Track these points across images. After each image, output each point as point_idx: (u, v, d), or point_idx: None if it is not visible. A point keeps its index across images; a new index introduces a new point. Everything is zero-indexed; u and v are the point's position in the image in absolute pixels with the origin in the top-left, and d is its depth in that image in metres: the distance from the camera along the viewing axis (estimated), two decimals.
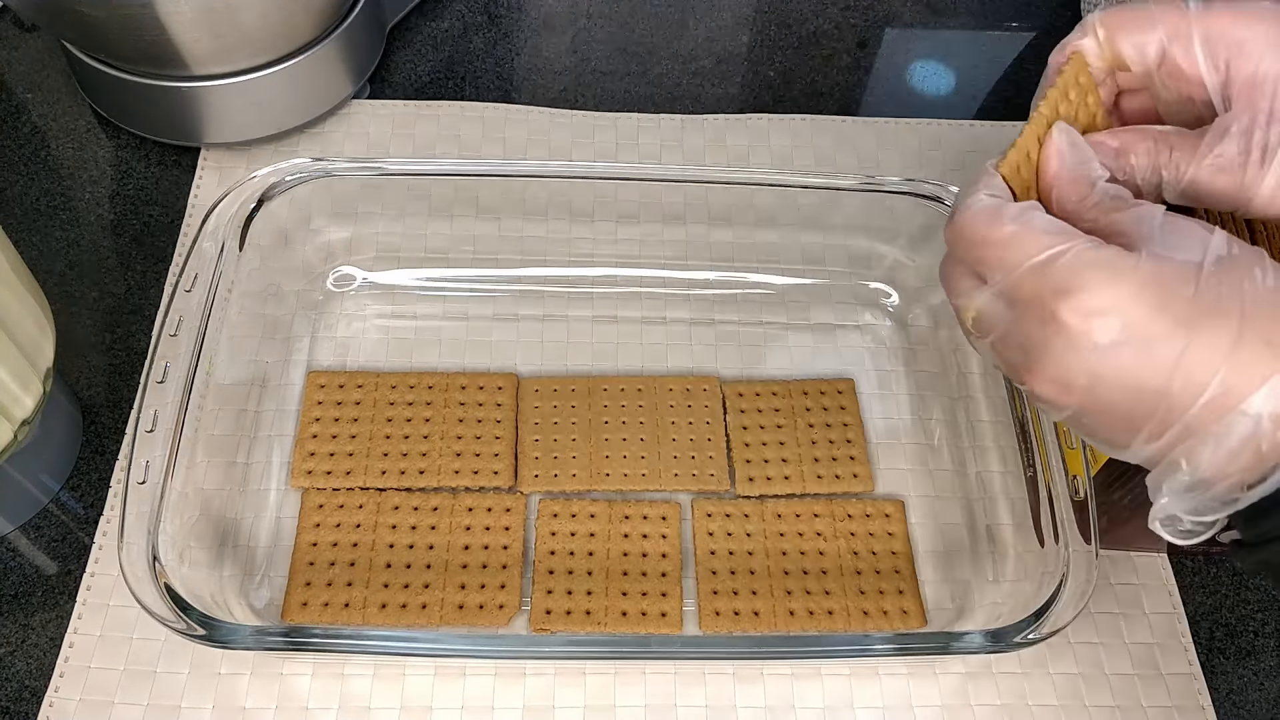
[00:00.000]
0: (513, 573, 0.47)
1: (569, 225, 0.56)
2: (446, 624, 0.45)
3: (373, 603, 0.45)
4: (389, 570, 0.46)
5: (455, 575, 0.46)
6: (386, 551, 0.47)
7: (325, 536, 0.47)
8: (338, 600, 0.45)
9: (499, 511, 0.48)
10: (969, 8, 0.73)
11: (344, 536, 0.47)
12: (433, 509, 0.48)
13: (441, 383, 0.52)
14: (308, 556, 0.46)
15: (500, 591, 0.46)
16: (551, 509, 0.48)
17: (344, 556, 0.47)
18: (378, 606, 0.45)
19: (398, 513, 0.48)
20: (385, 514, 0.48)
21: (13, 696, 0.44)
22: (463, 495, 0.49)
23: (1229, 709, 0.46)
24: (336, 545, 0.47)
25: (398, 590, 0.46)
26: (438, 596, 0.46)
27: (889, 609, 0.47)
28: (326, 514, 0.48)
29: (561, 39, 0.69)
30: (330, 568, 0.46)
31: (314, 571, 0.46)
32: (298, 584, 0.46)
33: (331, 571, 0.46)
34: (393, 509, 0.48)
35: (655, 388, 0.52)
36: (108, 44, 0.54)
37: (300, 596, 0.45)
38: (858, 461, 0.51)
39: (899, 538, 0.49)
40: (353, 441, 0.50)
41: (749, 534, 0.48)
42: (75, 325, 0.54)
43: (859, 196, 0.54)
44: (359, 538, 0.47)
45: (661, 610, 0.46)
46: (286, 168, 0.50)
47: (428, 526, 0.48)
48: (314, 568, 0.46)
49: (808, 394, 0.53)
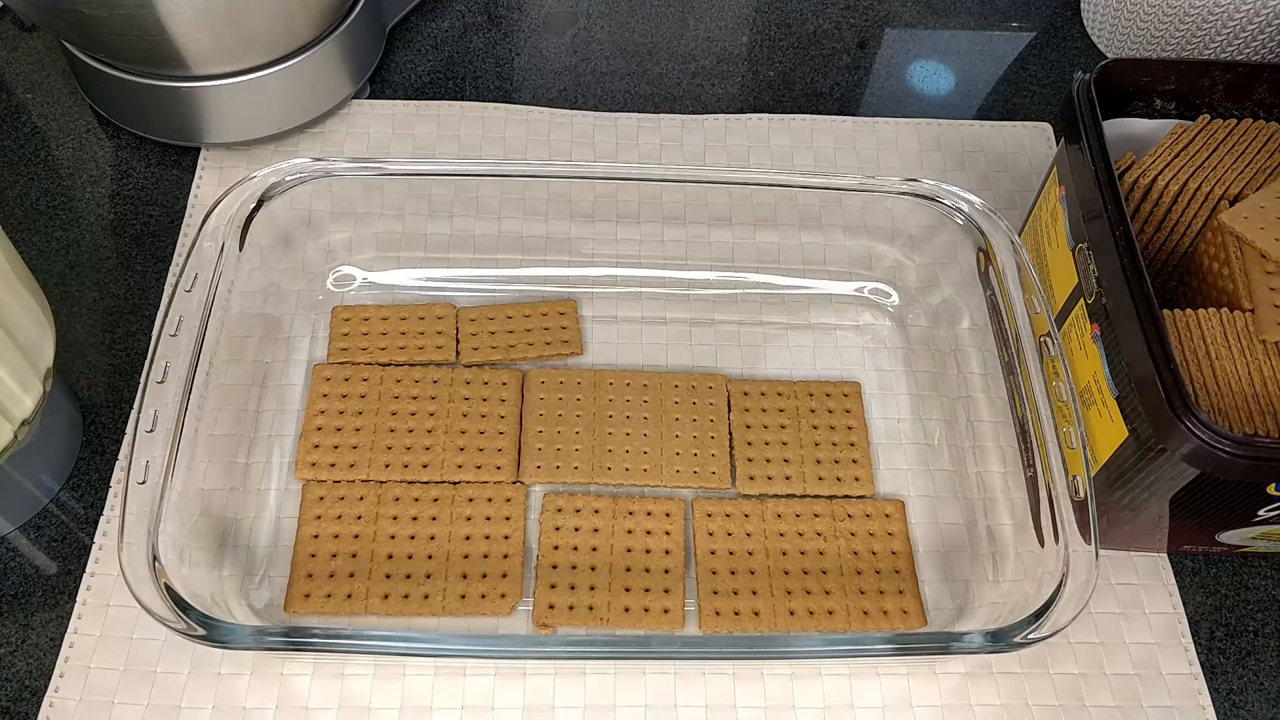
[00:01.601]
0: (514, 563, 0.47)
1: (569, 225, 0.56)
2: (449, 614, 0.45)
3: (374, 594, 0.45)
4: (390, 561, 0.46)
5: (457, 566, 0.46)
6: (388, 543, 0.47)
7: (327, 529, 0.47)
8: (340, 591, 0.45)
9: (499, 502, 0.48)
10: (969, 8, 0.73)
11: (345, 528, 0.47)
12: (433, 500, 0.48)
13: (446, 376, 0.52)
14: (309, 549, 0.47)
15: (502, 581, 0.46)
16: (556, 504, 0.48)
17: (345, 548, 0.47)
18: (379, 597, 0.45)
19: (398, 504, 0.48)
20: (386, 505, 0.48)
21: (13, 696, 0.44)
22: (463, 487, 0.49)
23: (1229, 709, 0.46)
24: (338, 537, 0.47)
25: (399, 581, 0.46)
26: (440, 587, 0.46)
27: (889, 609, 0.47)
28: (327, 506, 0.48)
29: (561, 39, 0.69)
30: (332, 559, 0.46)
31: (316, 563, 0.46)
32: (299, 576, 0.46)
33: (333, 563, 0.46)
34: (393, 500, 0.48)
35: (660, 383, 0.52)
36: (108, 44, 0.54)
37: (303, 588, 0.45)
38: (860, 465, 0.51)
39: (899, 538, 0.49)
40: (357, 434, 0.50)
41: (749, 534, 0.48)
42: (75, 325, 0.54)
43: (859, 196, 0.54)
44: (360, 529, 0.47)
45: (664, 606, 0.46)
46: (286, 168, 0.50)
47: (429, 518, 0.48)
48: (315, 560, 0.46)
49: (813, 395, 0.53)
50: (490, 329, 0.54)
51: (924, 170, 0.62)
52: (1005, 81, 0.69)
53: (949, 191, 0.52)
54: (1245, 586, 0.50)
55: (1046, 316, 0.47)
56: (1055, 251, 0.50)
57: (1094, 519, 0.42)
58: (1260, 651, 0.48)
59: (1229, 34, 0.63)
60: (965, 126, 0.65)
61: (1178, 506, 0.44)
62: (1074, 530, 0.42)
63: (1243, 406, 0.41)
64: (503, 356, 0.53)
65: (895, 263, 0.56)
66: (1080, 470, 0.43)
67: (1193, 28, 0.63)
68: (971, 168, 0.63)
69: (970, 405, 0.51)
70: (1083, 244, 0.46)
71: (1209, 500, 0.43)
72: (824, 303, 0.56)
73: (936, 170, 0.63)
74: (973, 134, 0.64)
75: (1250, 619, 0.49)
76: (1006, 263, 0.49)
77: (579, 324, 0.54)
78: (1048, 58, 0.70)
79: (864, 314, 0.56)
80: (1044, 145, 0.64)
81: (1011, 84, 0.68)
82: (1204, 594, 0.49)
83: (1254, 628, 0.49)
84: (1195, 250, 0.48)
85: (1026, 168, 0.63)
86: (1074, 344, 0.47)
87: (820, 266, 0.57)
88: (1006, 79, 0.69)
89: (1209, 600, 0.49)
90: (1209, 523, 0.46)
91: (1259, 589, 0.50)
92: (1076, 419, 0.44)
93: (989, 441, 0.50)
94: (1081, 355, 0.47)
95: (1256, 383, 0.42)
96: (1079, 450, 0.43)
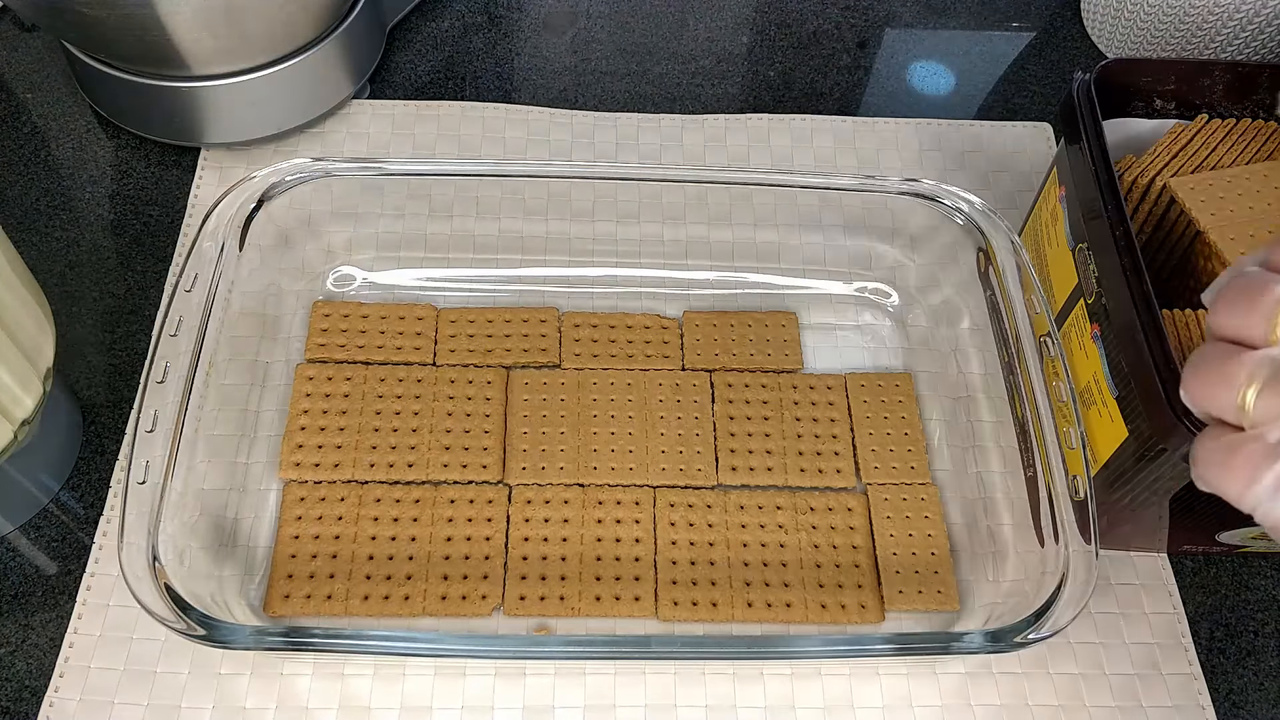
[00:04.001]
0: (495, 564, 0.47)
1: (569, 225, 0.56)
2: (429, 615, 0.45)
3: (354, 594, 0.46)
4: (371, 562, 0.47)
5: (438, 567, 0.46)
6: (368, 544, 0.47)
7: (307, 529, 0.47)
8: (320, 592, 0.45)
9: (481, 503, 0.48)
10: (969, 8, 0.73)
11: (325, 529, 0.47)
12: (414, 501, 0.48)
13: (430, 375, 0.52)
14: (289, 549, 0.47)
15: (483, 582, 0.46)
16: (525, 495, 0.49)
17: (325, 549, 0.47)
18: (359, 598, 0.45)
19: (379, 505, 0.48)
20: (367, 506, 0.48)
21: (13, 696, 0.44)
22: (445, 488, 0.49)
23: (1229, 709, 0.46)
24: (318, 538, 0.47)
25: (379, 582, 0.46)
26: (420, 588, 0.46)
27: (847, 603, 0.46)
28: (308, 507, 0.48)
29: (561, 39, 0.69)
30: (312, 560, 0.46)
31: (295, 564, 0.46)
32: (279, 576, 0.46)
33: (313, 564, 0.46)
34: (374, 501, 0.48)
35: (645, 382, 0.52)
36: (108, 44, 0.54)
37: (282, 589, 0.45)
38: (842, 457, 0.51)
39: (860, 531, 0.49)
40: (341, 434, 0.50)
41: (711, 524, 0.48)
42: (75, 325, 0.54)
43: (859, 196, 0.54)
44: (340, 530, 0.47)
45: (635, 594, 0.46)
46: (286, 168, 0.50)
47: (409, 518, 0.48)
48: (295, 560, 0.46)
49: (797, 388, 0.53)
50: (470, 331, 0.53)
51: (924, 170, 0.62)
52: (1005, 81, 0.69)
53: (949, 191, 0.52)
54: (1245, 586, 0.50)
55: (1046, 316, 0.47)
56: (1055, 251, 0.50)
57: (1094, 519, 0.42)
58: (1260, 651, 0.48)
59: (1229, 34, 0.63)
60: (965, 126, 0.65)
61: (1178, 506, 0.44)
62: (1074, 530, 0.42)
63: None
64: (479, 360, 0.53)
65: (895, 263, 0.56)
66: (1080, 470, 0.43)
67: (1193, 28, 0.63)
68: (971, 168, 0.63)
69: (970, 405, 0.51)
70: (1083, 244, 0.46)
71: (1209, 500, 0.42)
72: (824, 303, 0.56)
73: (936, 170, 0.63)
74: (973, 134, 0.64)
75: (1250, 619, 0.49)
76: (1006, 263, 0.49)
77: (559, 332, 0.54)
78: (1048, 58, 0.70)
79: (864, 314, 0.56)
80: (1044, 145, 0.64)
81: (1011, 84, 0.68)
82: (1204, 594, 0.49)
83: (1254, 628, 0.49)
84: (1191, 250, 0.48)
85: (1026, 168, 0.63)
86: (1074, 344, 0.47)
87: (820, 266, 0.57)
88: (1006, 79, 0.69)
89: (1209, 600, 0.49)
90: (1209, 523, 0.46)
91: (1259, 589, 0.50)
92: (1076, 419, 0.44)
93: (989, 441, 0.50)
94: (1081, 355, 0.47)
95: None
96: (1079, 450, 0.43)
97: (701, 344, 0.53)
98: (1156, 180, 0.47)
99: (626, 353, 0.53)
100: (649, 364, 0.53)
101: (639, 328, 0.54)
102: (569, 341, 0.53)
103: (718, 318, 0.54)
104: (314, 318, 0.53)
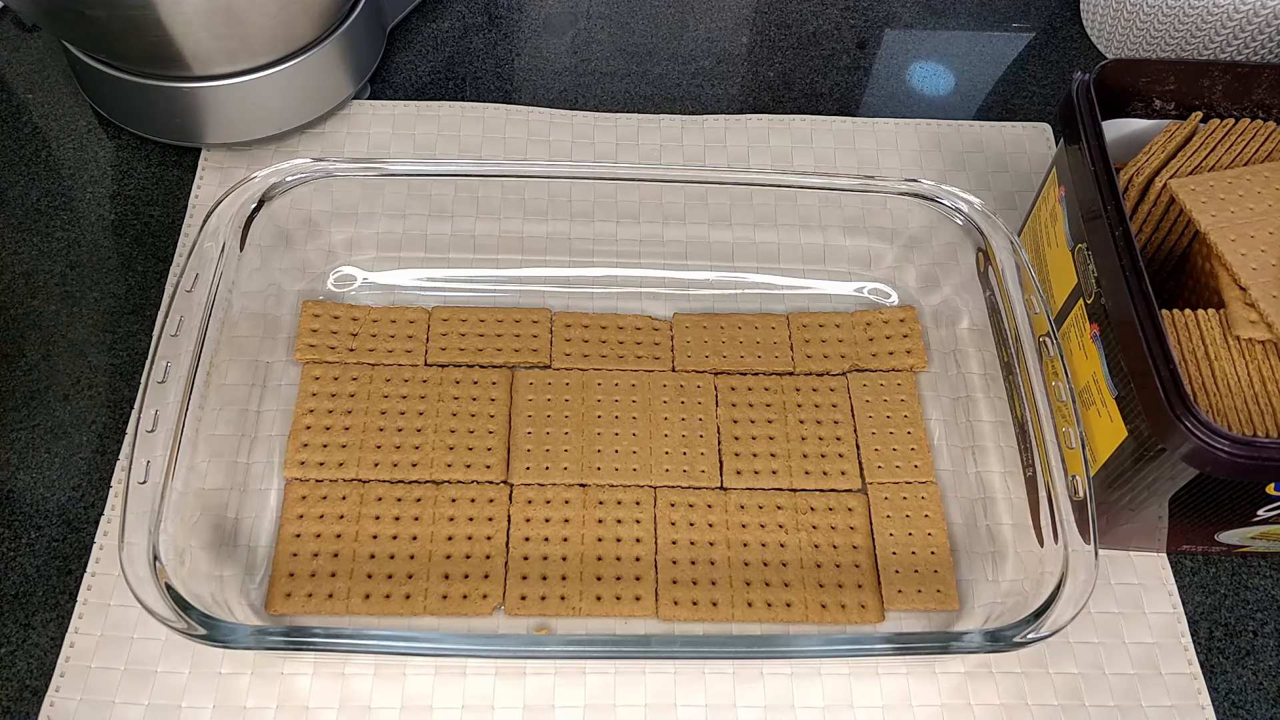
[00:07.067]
0: (495, 563, 0.47)
1: (569, 225, 0.56)
2: (429, 614, 0.45)
3: (355, 593, 0.46)
4: (372, 561, 0.47)
5: (439, 566, 0.46)
6: (370, 543, 0.47)
7: (308, 528, 0.47)
8: (321, 591, 0.45)
9: (482, 503, 0.48)
10: (969, 8, 0.73)
11: (327, 528, 0.47)
12: (416, 500, 0.48)
13: (435, 376, 0.52)
14: (291, 548, 0.47)
15: (484, 582, 0.46)
16: (526, 495, 0.49)
17: (327, 548, 0.47)
18: (360, 597, 0.46)
19: (381, 504, 0.48)
20: (369, 505, 0.48)
21: (13, 696, 0.44)
22: (446, 487, 0.49)
23: (1229, 709, 0.46)
24: (320, 537, 0.47)
25: (380, 581, 0.46)
26: (421, 587, 0.46)
27: (847, 603, 0.47)
28: (309, 506, 0.48)
29: (561, 39, 0.69)
30: (314, 559, 0.46)
31: (297, 563, 0.46)
32: (281, 575, 0.46)
33: (315, 563, 0.46)
34: (376, 500, 0.48)
35: (650, 383, 0.52)
36: (108, 44, 0.54)
37: (284, 588, 0.46)
38: (846, 459, 0.51)
39: (860, 531, 0.49)
40: (346, 433, 0.50)
41: (711, 524, 0.48)
42: (75, 325, 0.54)
43: (859, 196, 0.54)
44: (342, 529, 0.47)
45: (635, 594, 0.46)
46: (287, 168, 0.50)
47: (411, 518, 0.48)
48: (297, 559, 0.46)
49: (799, 390, 0.53)
50: (461, 330, 0.53)
51: (924, 171, 0.63)
52: (1005, 82, 0.69)
53: (949, 192, 0.52)
54: (1245, 586, 0.50)
55: (1046, 317, 0.47)
56: (1055, 251, 0.50)
57: (1093, 519, 0.42)
58: (1260, 651, 0.48)
59: (1228, 34, 0.63)
60: (965, 127, 0.65)
61: (1177, 506, 0.44)
62: (1073, 530, 0.42)
63: (1242, 407, 0.41)
64: (470, 360, 0.52)
65: (895, 263, 0.56)
66: (1080, 470, 0.43)
67: (1192, 28, 0.63)
68: (971, 168, 0.63)
69: (970, 405, 0.51)
70: (1082, 244, 0.46)
71: (1208, 500, 0.43)
72: (824, 303, 0.56)
73: (936, 171, 0.63)
74: (972, 134, 0.64)
75: (1250, 619, 0.49)
76: (1006, 263, 0.49)
77: (550, 333, 0.54)
78: (1047, 58, 0.70)
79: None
80: (1044, 145, 0.64)
81: (1011, 84, 0.68)
82: (1203, 594, 0.49)
83: (1253, 628, 0.49)
84: (1191, 250, 0.48)
85: (1026, 168, 0.63)
86: (1073, 344, 0.48)
87: (820, 266, 0.57)
88: (1006, 79, 0.69)
89: (1208, 600, 0.49)
90: (1208, 523, 0.46)
91: (1258, 589, 0.50)
92: (1076, 419, 0.44)
93: (989, 441, 0.50)
94: (1081, 355, 0.47)
95: (1255, 383, 0.42)
96: (1078, 450, 0.43)
97: (693, 345, 0.53)
98: (1156, 180, 0.47)
99: (617, 353, 0.53)
100: (639, 365, 0.53)
101: (630, 329, 0.54)
102: (560, 342, 0.53)
103: (708, 319, 0.54)
104: (303, 318, 0.53)
